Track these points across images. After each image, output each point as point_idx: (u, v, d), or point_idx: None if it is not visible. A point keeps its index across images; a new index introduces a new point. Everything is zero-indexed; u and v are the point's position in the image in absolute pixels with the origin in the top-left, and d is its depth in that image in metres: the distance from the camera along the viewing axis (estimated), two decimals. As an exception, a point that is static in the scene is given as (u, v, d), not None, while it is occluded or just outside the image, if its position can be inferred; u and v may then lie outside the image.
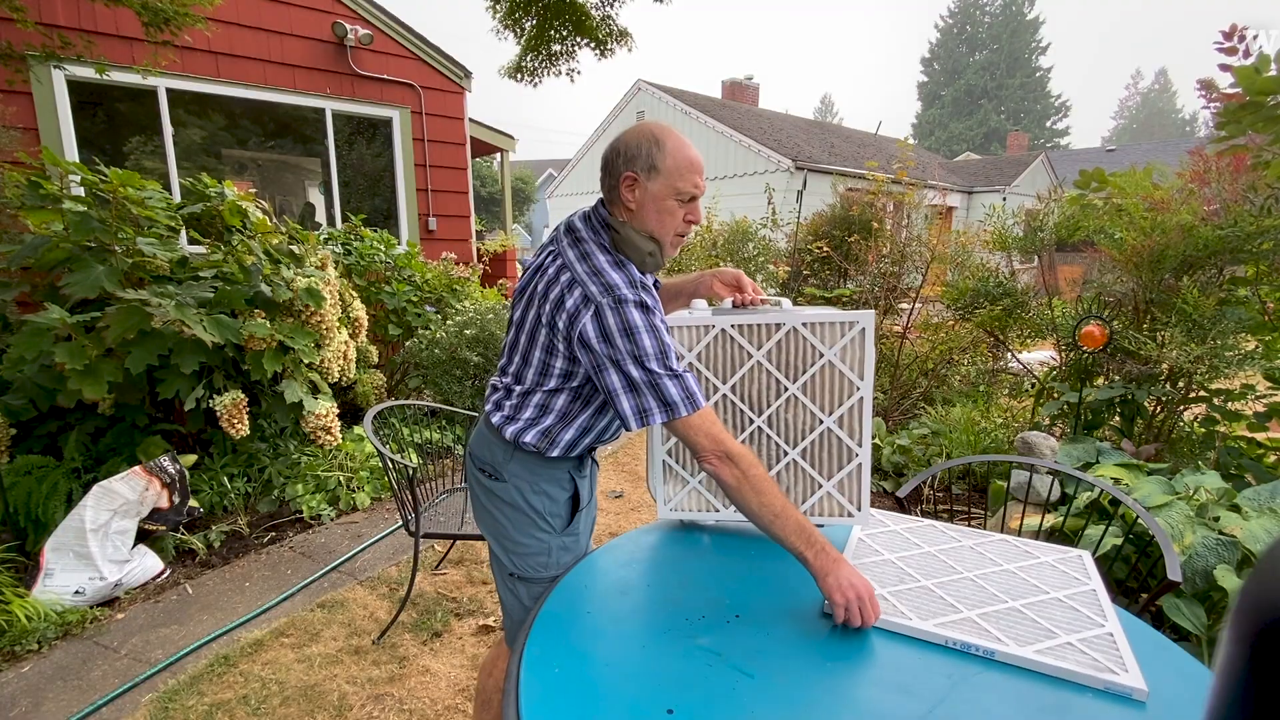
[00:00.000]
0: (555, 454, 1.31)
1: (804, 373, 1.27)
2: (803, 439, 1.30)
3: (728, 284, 1.42)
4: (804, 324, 1.25)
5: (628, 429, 1.21)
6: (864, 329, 1.22)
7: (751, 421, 1.32)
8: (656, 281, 1.37)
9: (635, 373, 1.16)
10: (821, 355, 1.25)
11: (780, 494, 1.13)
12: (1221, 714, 0.33)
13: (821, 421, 1.28)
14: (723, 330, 1.31)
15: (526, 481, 1.32)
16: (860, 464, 1.28)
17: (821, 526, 1.32)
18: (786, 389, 1.29)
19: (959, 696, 0.88)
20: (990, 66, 43.29)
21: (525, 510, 1.33)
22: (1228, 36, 2.22)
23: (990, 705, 0.86)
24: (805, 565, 1.08)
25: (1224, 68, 2.21)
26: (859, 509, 1.30)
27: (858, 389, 1.25)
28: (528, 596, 1.38)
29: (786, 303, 1.32)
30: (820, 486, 1.31)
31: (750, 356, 1.30)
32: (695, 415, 1.16)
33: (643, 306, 1.18)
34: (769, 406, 1.31)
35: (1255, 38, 2.20)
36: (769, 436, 1.32)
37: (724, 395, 1.33)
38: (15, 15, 2.91)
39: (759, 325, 1.28)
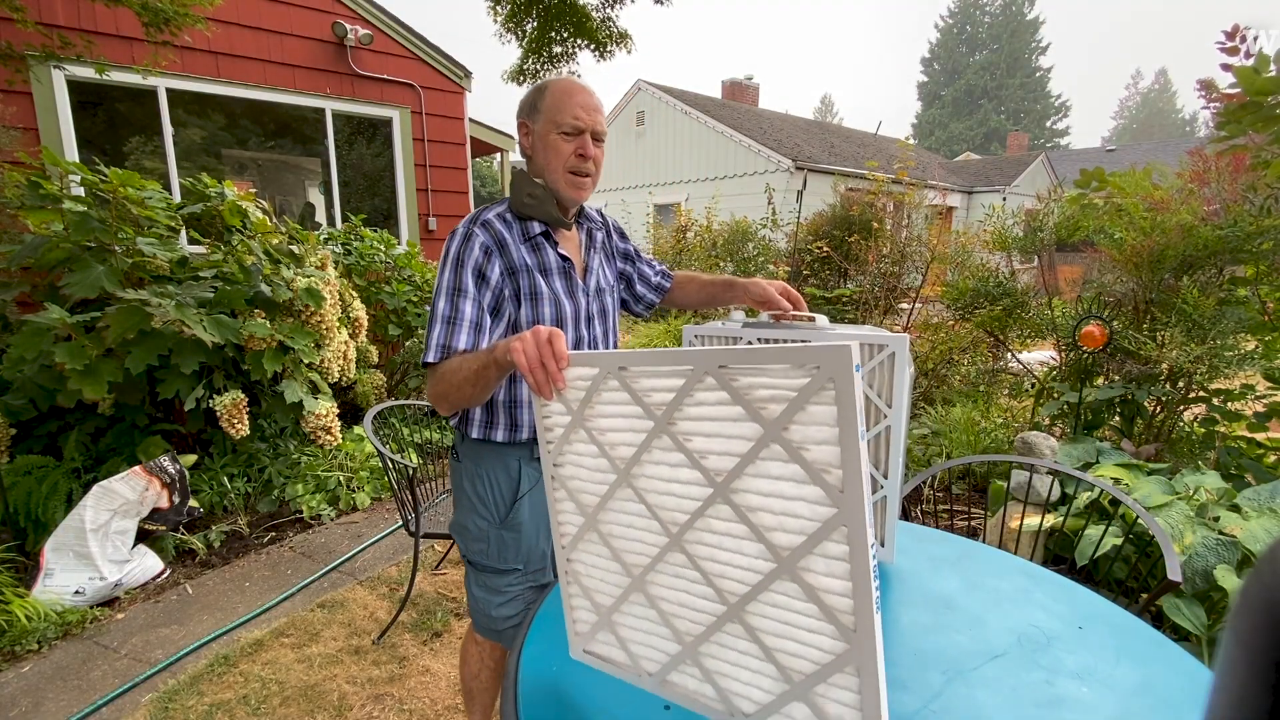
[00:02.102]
0: (476, 435, 1.32)
1: None
2: None
3: (754, 298, 1.37)
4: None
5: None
6: (894, 353, 1.12)
7: None
8: (548, 229, 1.30)
9: (432, 309, 1.22)
10: None
11: (460, 365, 1.12)
12: (1222, 714, 0.33)
13: None
14: (748, 343, 1.26)
15: (472, 461, 1.34)
16: (885, 497, 1.18)
17: None
18: None
19: (953, 692, 0.88)
20: (990, 66, 43.32)
21: (468, 492, 1.35)
22: (1229, 36, 2.22)
23: (985, 700, 0.86)
24: (506, 371, 1.03)
25: (1225, 67, 2.21)
26: (882, 545, 1.22)
27: (885, 417, 1.15)
28: (476, 584, 1.38)
29: (823, 319, 1.26)
30: None
31: None
32: (435, 366, 1.17)
33: (466, 237, 1.22)
34: None
35: (1256, 39, 2.19)
36: None
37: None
38: (15, 15, 2.91)
39: (785, 341, 1.24)
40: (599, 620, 0.88)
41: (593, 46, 6.43)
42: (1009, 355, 4.30)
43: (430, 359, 1.19)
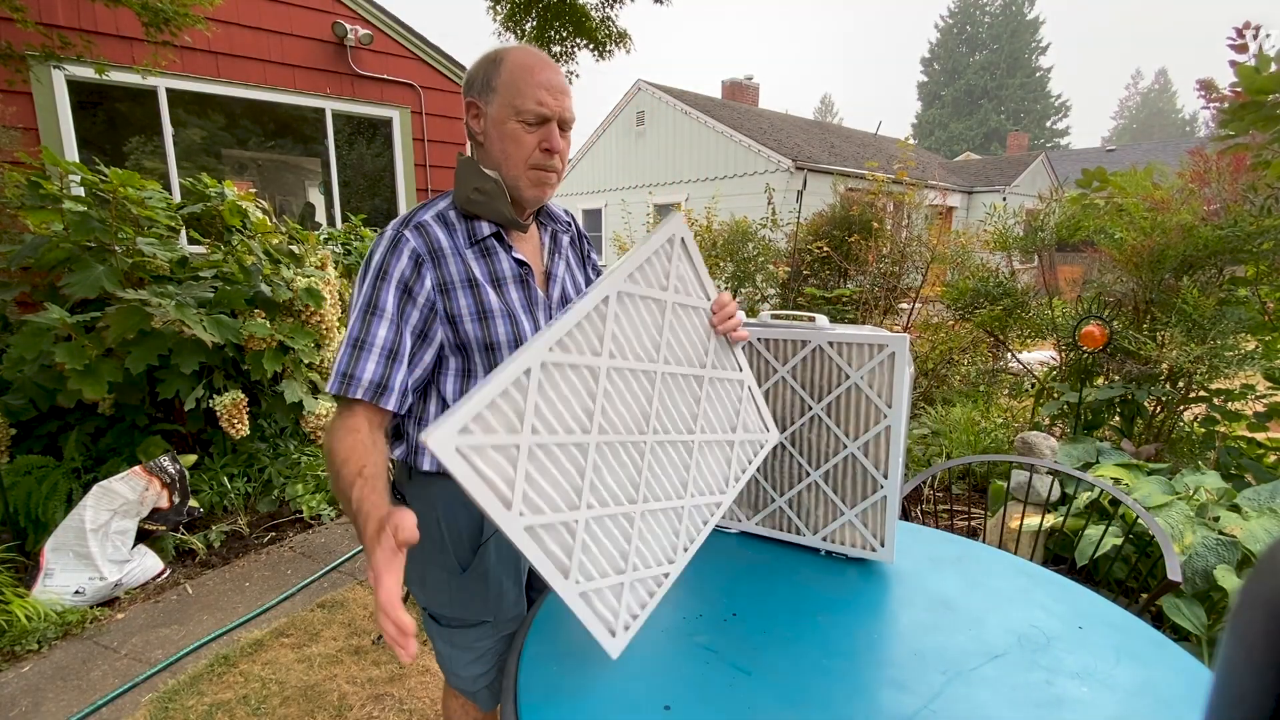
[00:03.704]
0: (428, 467, 1.09)
1: (829, 393, 1.21)
2: (825, 461, 1.24)
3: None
4: (830, 343, 1.19)
5: None
6: (894, 353, 1.13)
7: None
8: (501, 229, 1.09)
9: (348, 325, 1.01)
10: (847, 377, 1.19)
11: (349, 472, 0.88)
12: (1222, 714, 0.33)
13: (845, 446, 1.21)
14: (749, 342, 1.27)
15: (424, 504, 1.10)
16: (885, 497, 1.19)
17: (843, 557, 1.27)
18: (810, 408, 1.23)
19: (953, 692, 0.88)
20: (990, 66, 43.34)
21: (423, 536, 1.12)
22: (1239, 33, 2.21)
23: (984, 700, 0.86)
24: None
25: (1234, 64, 2.20)
26: (882, 545, 1.22)
27: (884, 417, 1.16)
28: (440, 639, 1.19)
29: (823, 319, 1.25)
30: (842, 514, 1.24)
31: (775, 371, 1.26)
32: (346, 405, 0.97)
33: (393, 243, 1.01)
34: (793, 424, 1.26)
35: (1268, 36, 2.18)
36: (791, 455, 1.28)
37: None
38: (15, 15, 2.91)
39: (784, 341, 1.24)
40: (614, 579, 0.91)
41: (592, 46, 6.44)
42: (1009, 355, 4.30)
43: (331, 388, 0.98)
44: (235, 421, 2.93)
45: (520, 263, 1.10)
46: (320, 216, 6.35)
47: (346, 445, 0.93)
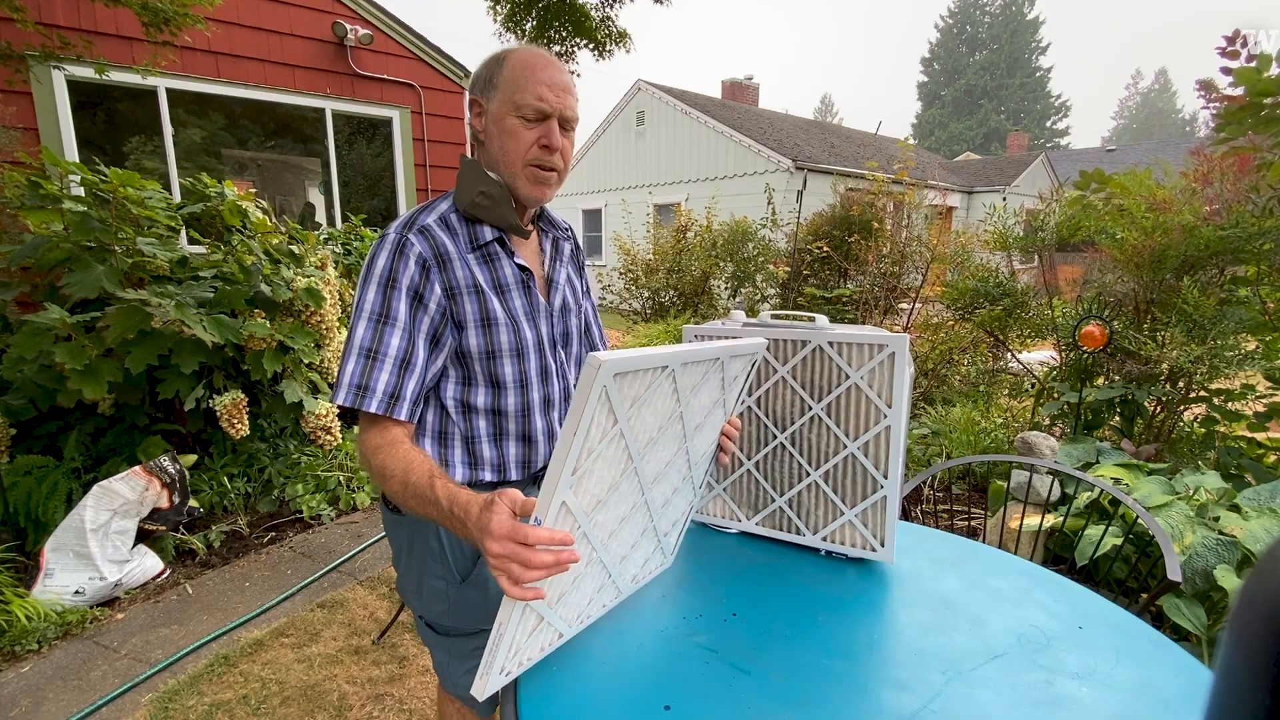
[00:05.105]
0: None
1: (829, 393, 1.21)
2: (825, 461, 1.24)
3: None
4: (830, 343, 1.19)
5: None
6: (894, 353, 1.12)
7: (774, 438, 1.29)
8: (503, 234, 1.07)
9: (350, 333, 0.99)
10: (847, 377, 1.19)
11: (414, 478, 0.89)
12: (1222, 714, 0.33)
13: (845, 446, 1.21)
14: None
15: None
16: (885, 497, 1.19)
17: (843, 557, 1.27)
18: (810, 408, 1.23)
19: (953, 692, 0.88)
20: (990, 66, 43.35)
21: (417, 550, 1.14)
22: (1230, 41, 2.22)
23: (985, 700, 0.86)
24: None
25: (1226, 71, 2.21)
26: (882, 545, 1.21)
27: (884, 417, 1.16)
28: (438, 647, 1.20)
29: (823, 319, 1.25)
30: (842, 514, 1.24)
31: (775, 371, 1.26)
32: (378, 421, 0.97)
33: (399, 247, 0.98)
34: (793, 424, 1.26)
35: (1257, 43, 2.19)
36: (791, 455, 1.28)
37: (749, 408, 1.30)
38: (15, 15, 2.91)
39: (785, 341, 1.24)
40: (536, 628, 0.86)
41: (591, 46, 6.45)
42: (1009, 355, 4.30)
43: (342, 400, 0.96)
44: (235, 421, 2.93)
45: (523, 268, 1.08)
46: (320, 216, 6.36)
47: (399, 457, 0.93)
